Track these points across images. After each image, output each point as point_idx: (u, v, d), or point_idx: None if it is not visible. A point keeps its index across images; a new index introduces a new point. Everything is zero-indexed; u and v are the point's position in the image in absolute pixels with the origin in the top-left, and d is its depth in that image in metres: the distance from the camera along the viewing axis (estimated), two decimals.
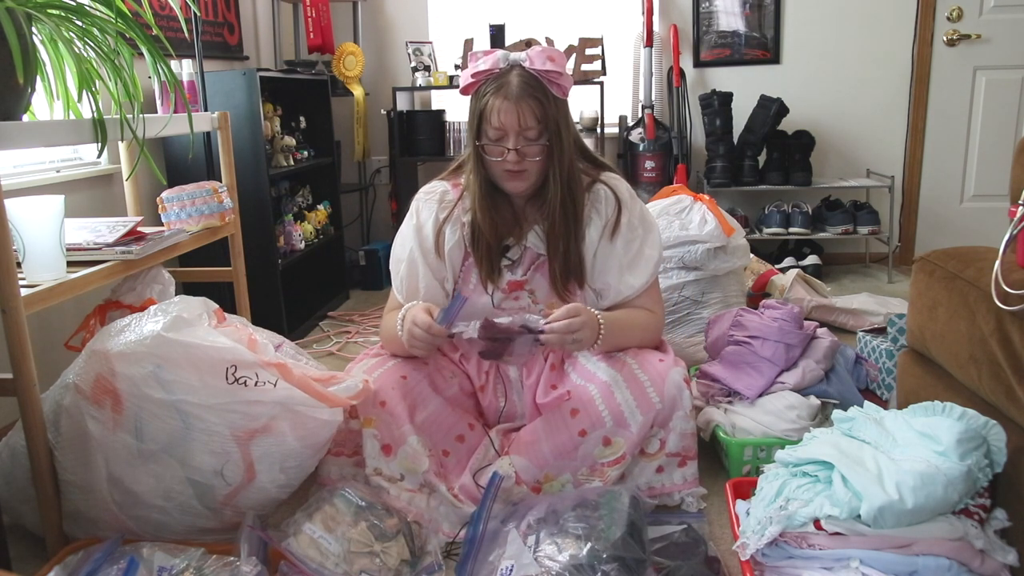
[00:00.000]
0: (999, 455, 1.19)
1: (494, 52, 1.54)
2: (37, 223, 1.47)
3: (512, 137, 1.52)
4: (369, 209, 3.93)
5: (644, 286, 1.65)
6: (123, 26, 1.53)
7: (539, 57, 1.52)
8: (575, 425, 1.55)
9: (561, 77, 1.53)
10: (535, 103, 1.51)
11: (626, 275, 1.64)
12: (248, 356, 1.40)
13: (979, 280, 1.30)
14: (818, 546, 1.19)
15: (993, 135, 3.58)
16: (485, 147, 1.55)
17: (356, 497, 1.41)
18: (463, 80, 1.57)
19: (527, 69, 1.52)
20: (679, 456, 1.60)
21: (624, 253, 1.64)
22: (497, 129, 1.52)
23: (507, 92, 1.50)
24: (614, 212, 1.64)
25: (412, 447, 1.52)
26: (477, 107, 1.55)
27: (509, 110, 1.50)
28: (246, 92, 2.63)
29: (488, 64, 1.53)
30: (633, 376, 1.56)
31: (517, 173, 1.56)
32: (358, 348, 2.77)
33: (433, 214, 1.66)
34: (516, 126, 1.51)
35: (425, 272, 1.64)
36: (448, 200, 1.67)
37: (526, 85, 1.51)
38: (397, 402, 1.54)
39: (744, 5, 3.62)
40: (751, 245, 2.61)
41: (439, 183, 1.71)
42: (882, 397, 1.96)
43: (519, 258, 1.67)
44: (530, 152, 1.54)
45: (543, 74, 1.52)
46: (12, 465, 1.53)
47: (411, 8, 3.76)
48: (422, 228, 1.66)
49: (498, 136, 1.53)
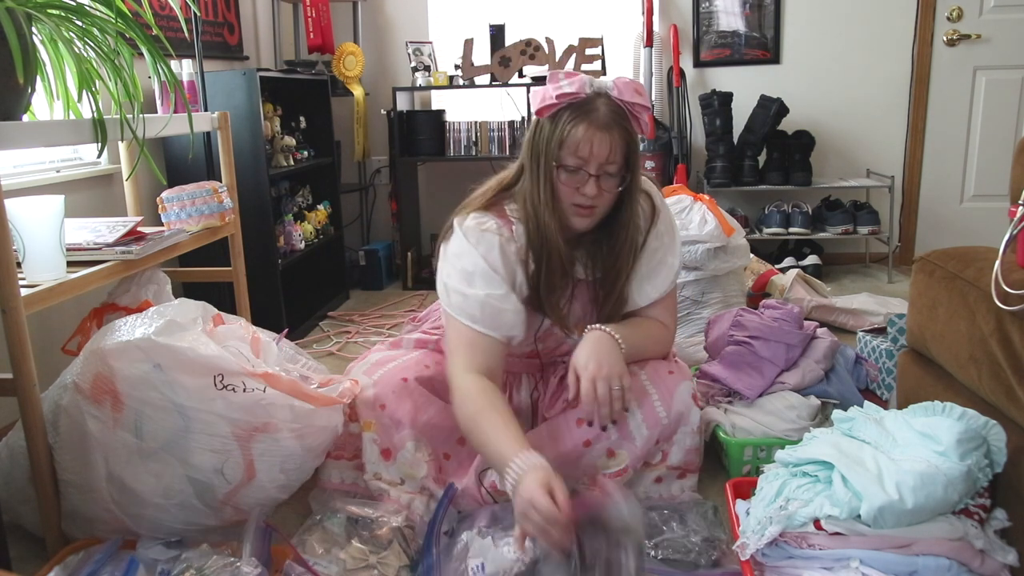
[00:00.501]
0: (999, 455, 1.19)
1: (578, 75, 1.40)
2: (37, 223, 1.47)
3: (594, 168, 1.39)
4: (369, 209, 3.93)
5: (661, 296, 1.57)
6: (123, 26, 1.53)
7: (627, 88, 1.40)
8: (579, 435, 1.53)
9: (645, 112, 1.42)
10: (624, 135, 1.40)
11: (645, 284, 1.56)
12: (233, 366, 1.40)
13: (979, 280, 1.30)
14: (818, 546, 1.19)
15: (993, 135, 3.58)
16: (561, 176, 1.42)
17: (344, 515, 1.42)
18: (541, 99, 1.41)
19: (614, 99, 1.40)
20: (680, 469, 1.59)
21: (647, 263, 1.56)
22: (580, 159, 1.39)
23: (596, 121, 1.37)
24: (648, 225, 1.56)
25: (410, 453, 1.51)
26: (557, 132, 1.40)
27: (600, 140, 1.37)
28: (246, 92, 2.63)
29: (574, 87, 1.39)
30: (642, 389, 1.53)
31: (588, 208, 1.43)
32: (358, 348, 2.77)
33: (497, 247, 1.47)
34: (603, 158, 1.38)
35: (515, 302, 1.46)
36: (506, 235, 1.49)
37: (615, 116, 1.39)
38: (397, 406, 1.52)
39: (744, 5, 3.62)
40: (751, 245, 2.62)
41: (484, 217, 1.50)
42: (882, 397, 1.96)
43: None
44: (608, 186, 1.42)
45: (630, 106, 1.41)
46: (11, 465, 1.53)
47: (411, 8, 3.76)
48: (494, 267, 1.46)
49: (578, 165, 1.40)
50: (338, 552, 1.35)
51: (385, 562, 1.35)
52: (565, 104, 1.40)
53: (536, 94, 1.43)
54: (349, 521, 1.41)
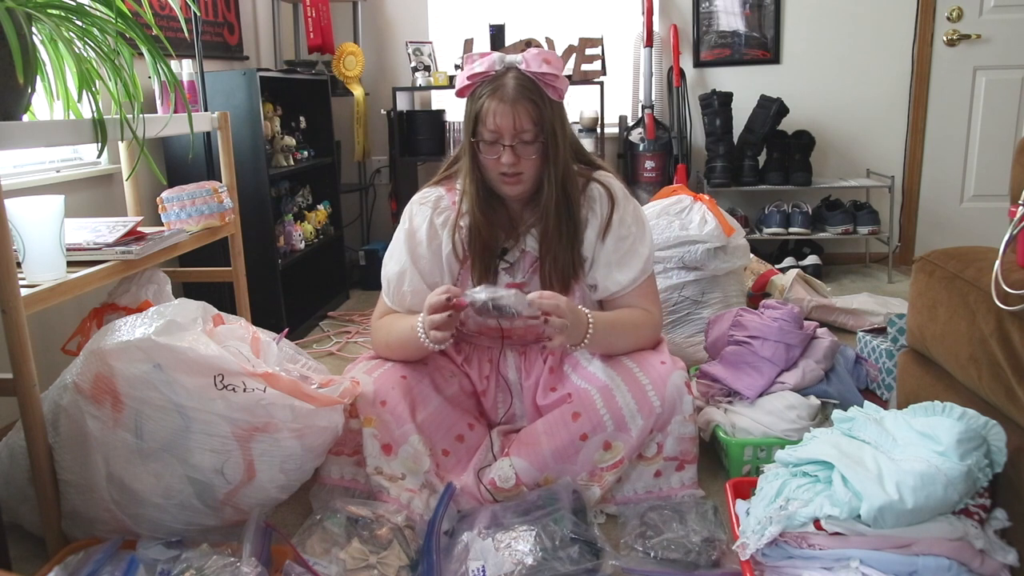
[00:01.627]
0: (999, 455, 1.19)
1: (490, 54, 1.54)
2: (37, 223, 1.47)
3: (507, 139, 1.52)
4: (369, 209, 3.93)
5: (633, 282, 1.64)
6: (123, 26, 1.53)
7: (535, 60, 1.51)
8: (576, 429, 1.54)
9: (557, 80, 1.52)
10: (531, 105, 1.50)
11: (614, 271, 1.64)
12: (233, 366, 1.40)
13: (979, 280, 1.30)
14: (818, 546, 1.19)
15: (993, 135, 3.58)
16: (480, 148, 1.55)
17: (344, 515, 1.42)
18: (458, 82, 1.57)
19: (523, 71, 1.52)
20: (677, 460, 1.59)
21: (614, 250, 1.63)
22: (492, 131, 1.52)
23: (503, 94, 1.50)
24: (608, 211, 1.64)
25: (413, 447, 1.52)
26: (472, 109, 1.54)
27: (505, 112, 1.49)
28: (246, 92, 2.62)
29: (484, 66, 1.52)
30: (634, 378, 1.56)
31: (513, 176, 1.56)
32: (358, 348, 2.77)
33: (427, 219, 1.65)
34: (512, 128, 1.50)
35: (414, 279, 1.64)
36: (444, 205, 1.67)
37: (522, 87, 1.50)
38: (398, 401, 1.54)
39: (744, 5, 3.62)
40: (751, 245, 2.61)
41: (432, 189, 1.70)
42: (882, 397, 1.96)
43: (517, 261, 1.66)
44: (525, 153, 1.53)
45: (539, 76, 1.51)
46: (11, 465, 1.53)
47: (411, 8, 3.76)
48: (415, 233, 1.65)
49: (493, 138, 1.53)
50: (338, 552, 1.35)
51: (385, 562, 1.35)
52: (478, 83, 1.54)
53: (457, 78, 1.61)
54: (349, 521, 1.41)
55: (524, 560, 1.29)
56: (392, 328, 1.64)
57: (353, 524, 1.41)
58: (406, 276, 1.64)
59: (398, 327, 1.62)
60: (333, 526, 1.40)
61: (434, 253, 1.65)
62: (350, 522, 1.41)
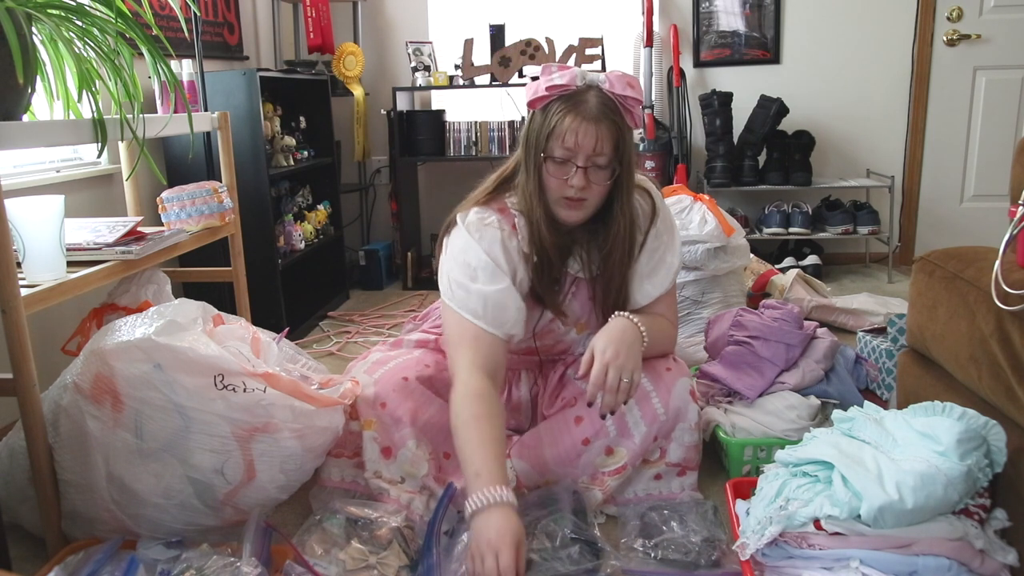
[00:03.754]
0: (999, 455, 1.19)
1: (570, 68, 1.43)
2: (37, 223, 1.47)
3: (582, 160, 1.40)
4: (369, 209, 3.93)
5: (661, 294, 1.58)
6: (123, 26, 1.53)
7: (619, 81, 1.41)
8: (578, 433, 1.54)
9: (638, 106, 1.44)
10: (613, 128, 1.40)
11: (645, 283, 1.57)
12: (233, 366, 1.40)
13: (979, 280, 1.30)
14: (818, 546, 1.19)
15: (993, 135, 3.58)
16: (548, 165, 1.43)
17: (343, 516, 1.42)
18: (533, 91, 1.43)
19: (605, 91, 1.41)
20: (679, 467, 1.59)
21: (647, 262, 1.57)
22: (568, 149, 1.40)
23: (585, 112, 1.39)
24: (647, 225, 1.57)
25: (411, 451, 1.51)
26: (546, 123, 1.41)
27: (587, 131, 1.38)
28: (246, 92, 2.63)
29: (565, 79, 1.41)
30: (640, 387, 1.53)
31: (577, 201, 1.44)
32: (358, 348, 2.77)
33: (499, 242, 1.48)
34: (591, 149, 1.39)
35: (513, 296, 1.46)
36: (507, 230, 1.50)
37: (605, 108, 1.40)
38: (398, 404, 1.53)
39: (744, 5, 3.62)
40: (751, 245, 2.61)
41: (485, 212, 1.51)
42: (882, 397, 1.96)
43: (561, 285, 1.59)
44: (596, 179, 1.42)
45: (621, 100, 1.42)
46: (11, 465, 1.53)
47: (411, 8, 3.76)
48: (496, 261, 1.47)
49: (566, 157, 1.41)
50: (337, 553, 1.35)
51: (385, 562, 1.35)
52: (556, 96, 1.41)
53: (529, 87, 1.45)
54: (348, 522, 1.41)
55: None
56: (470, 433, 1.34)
57: (352, 525, 1.41)
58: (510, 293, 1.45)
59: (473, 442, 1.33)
60: (332, 527, 1.40)
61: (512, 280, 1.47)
62: (349, 523, 1.41)
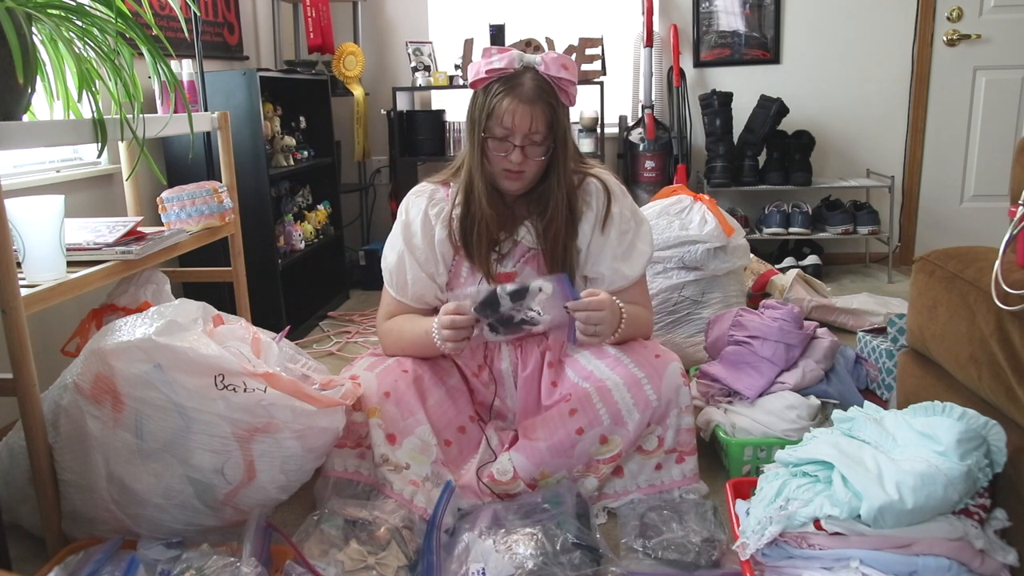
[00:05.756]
0: (999, 455, 1.19)
1: (509, 51, 1.55)
2: (37, 223, 1.47)
3: (518, 138, 1.53)
4: (369, 209, 3.93)
5: (636, 278, 1.68)
6: (123, 26, 1.53)
7: (554, 63, 1.53)
8: (572, 424, 1.56)
9: (572, 86, 1.55)
10: (547, 108, 1.53)
11: (620, 265, 1.67)
12: (233, 366, 1.40)
13: (979, 280, 1.30)
14: (818, 546, 1.19)
15: (993, 135, 3.58)
16: (488, 143, 1.56)
17: (341, 517, 1.42)
18: (474, 73, 1.57)
19: (541, 73, 1.54)
20: (676, 452, 1.61)
21: (618, 243, 1.67)
22: (505, 129, 1.53)
23: (520, 94, 1.51)
24: (604, 204, 1.67)
25: (421, 438, 1.54)
26: (486, 104, 1.54)
27: (522, 112, 1.51)
28: (246, 92, 2.62)
29: (503, 63, 1.53)
30: (631, 374, 1.57)
31: (516, 173, 1.58)
32: (358, 348, 2.77)
33: (422, 210, 1.68)
34: (526, 129, 1.52)
35: (412, 266, 1.67)
36: (438, 198, 1.70)
37: (540, 90, 1.52)
38: (404, 391, 1.56)
39: (744, 5, 3.62)
40: (751, 245, 2.61)
41: (427, 184, 1.74)
42: (882, 397, 1.96)
43: (508, 252, 1.69)
44: (532, 154, 1.56)
45: (556, 80, 1.54)
46: (11, 465, 1.53)
47: (411, 8, 3.76)
48: (410, 224, 1.68)
49: (504, 135, 1.54)
50: (336, 554, 1.35)
51: (383, 563, 1.35)
52: (495, 78, 1.54)
53: (471, 67, 1.59)
54: (347, 523, 1.41)
55: (525, 564, 1.28)
56: (404, 331, 1.67)
57: (351, 526, 1.41)
58: (406, 265, 1.67)
59: (410, 330, 1.65)
60: (330, 528, 1.40)
61: (428, 243, 1.67)
62: (347, 524, 1.41)
